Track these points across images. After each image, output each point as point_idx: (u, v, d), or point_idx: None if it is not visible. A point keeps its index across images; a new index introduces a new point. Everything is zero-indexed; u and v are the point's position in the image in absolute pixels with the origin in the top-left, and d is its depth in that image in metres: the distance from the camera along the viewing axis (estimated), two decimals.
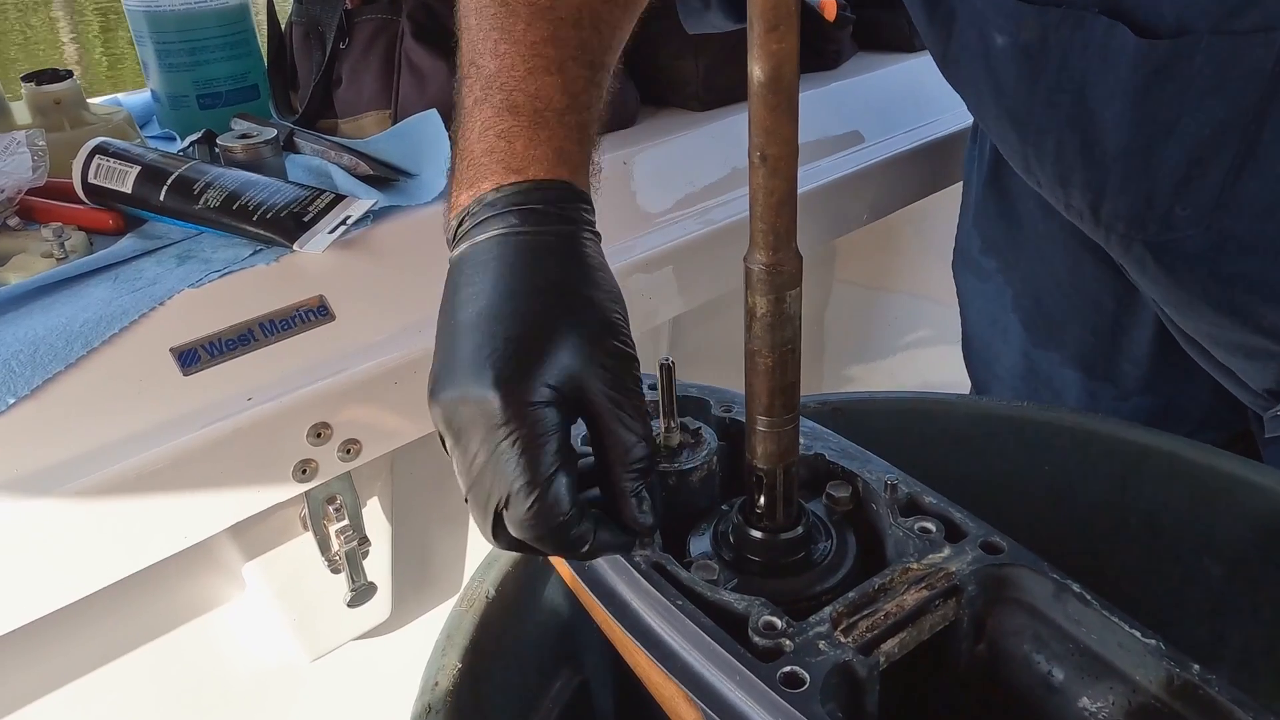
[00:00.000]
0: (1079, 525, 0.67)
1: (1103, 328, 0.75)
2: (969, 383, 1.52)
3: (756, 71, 0.35)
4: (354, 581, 0.73)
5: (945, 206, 1.24)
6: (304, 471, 0.64)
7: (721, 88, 0.94)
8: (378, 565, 0.77)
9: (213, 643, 0.75)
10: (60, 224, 0.68)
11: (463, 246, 0.45)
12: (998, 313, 0.82)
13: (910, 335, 1.45)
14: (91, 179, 0.71)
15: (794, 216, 0.37)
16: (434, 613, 0.88)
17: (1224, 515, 0.61)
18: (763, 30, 0.34)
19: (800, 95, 1.08)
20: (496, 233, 0.43)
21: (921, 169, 1.07)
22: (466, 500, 0.42)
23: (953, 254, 0.88)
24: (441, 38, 0.82)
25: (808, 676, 0.37)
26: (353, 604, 0.74)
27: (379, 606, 0.78)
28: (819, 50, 1.07)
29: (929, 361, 1.46)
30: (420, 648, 0.51)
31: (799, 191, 1.02)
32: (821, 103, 1.04)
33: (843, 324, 1.34)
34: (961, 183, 0.90)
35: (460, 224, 0.46)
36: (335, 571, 0.73)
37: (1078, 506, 0.67)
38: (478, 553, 0.57)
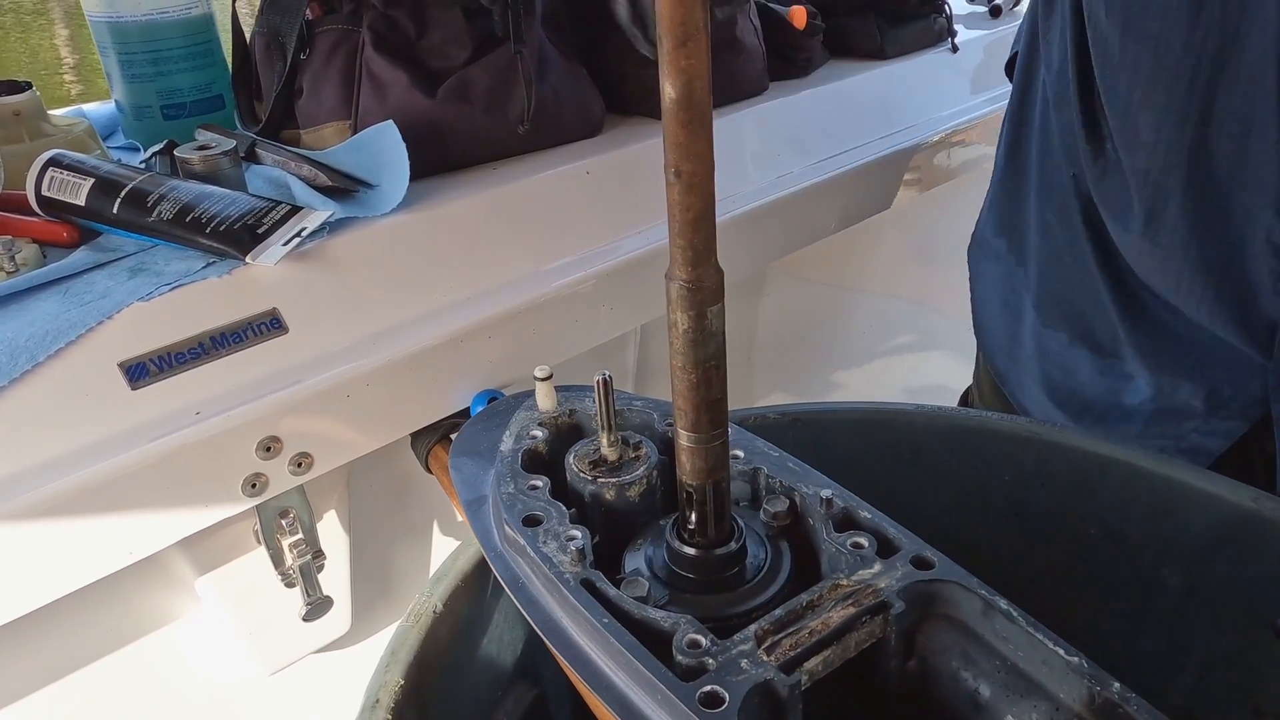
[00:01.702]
0: (1039, 536, 0.67)
1: (1104, 303, 0.75)
2: (946, 386, 1.51)
3: (668, 88, 0.34)
4: (309, 595, 0.73)
5: (922, 211, 1.24)
6: (254, 486, 0.64)
7: None
8: (335, 579, 0.77)
9: (168, 658, 0.75)
10: (11, 237, 0.68)
11: None
12: (1009, 294, 0.83)
13: (890, 340, 1.45)
14: (45, 191, 0.70)
15: (712, 232, 0.37)
16: (397, 626, 0.88)
17: (1182, 526, 0.61)
18: (672, 46, 0.33)
19: (771, 103, 1.07)
20: None
21: (892, 176, 1.07)
22: None
23: (970, 240, 0.88)
24: (402, 49, 0.81)
25: (727, 696, 0.37)
26: (308, 618, 0.74)
27: (338, 620, 0.78)
28: (789, 58, 1.07)
29: (909, 365, 1.46)
30: None
31: (770, 199, 1.02)
32: (792, 110, 1.04)
33: (818, 329, 1.34)
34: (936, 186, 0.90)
35: None
36: (289, 586, 0.72)
37: (1037, 517, 0.67)
38: (440, 565, 0.56)
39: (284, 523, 0.69)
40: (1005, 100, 1.26)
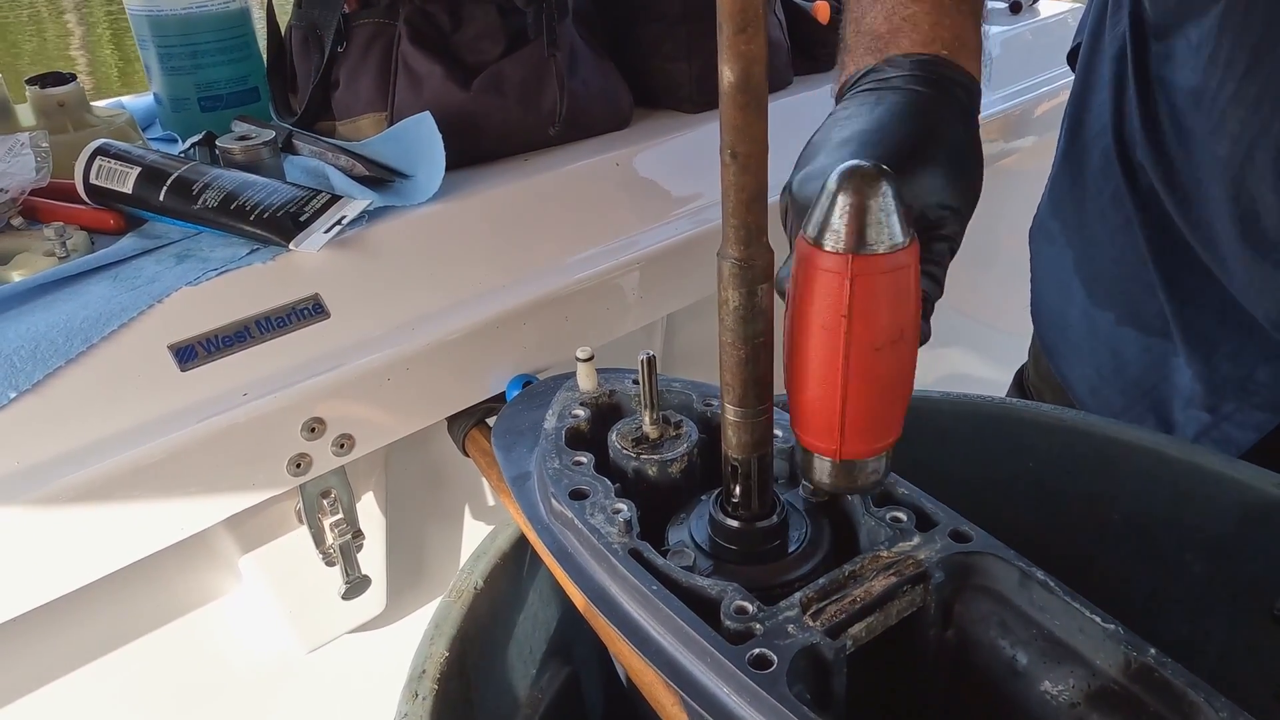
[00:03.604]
0: (1063, 521, 0.68)
1: (1153, 284, 0.76)
2: (965, 379, 1.52)
3: (726, 72, 0.36)
4: (348, 574, 0.75)
5: None
6: (298, 466, 0.66)
7: (714, 90, 0.95)
8: (372, 559, 0.78)
9: (210, 634, 0.76)
10: (62, 223, 0.70)
11: (859, 88, 0.55)
12: (1062, 275, 0.84)
13: None
14: (93, 180, 0.72)
15: (764, 212, 0.38)
16: (429, 607, 0.89)
17: (1204, 511, 0.62)
18: (732, 32, 0.35)
19: (795, 96, 1.09)
20: (895, 87, 0.53)
21: None
22: None
23: (1032, 222, 0.90)
24: (437, 42, 0.83)
25: (775, 658, 0.38)
26: (347, 596, 0.76)
27: (374, 599, 0.79)
28: (812, 54, 1.08)
29: (927, 359, 1.47)
30: (415, 641, 0.52)
31: None
32: (815, 104, 1.05)
33: None
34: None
35: (862, 77, 0.56)
36: (330, 564, 0.74)
37: (1061, 503, 0.68)
38: (472, 547, 0.58)
39: (325, 503, 0.71)
40: (1024, 96, 1.27)
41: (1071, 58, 0.86)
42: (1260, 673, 0.62)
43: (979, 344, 1.50)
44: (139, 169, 0.72)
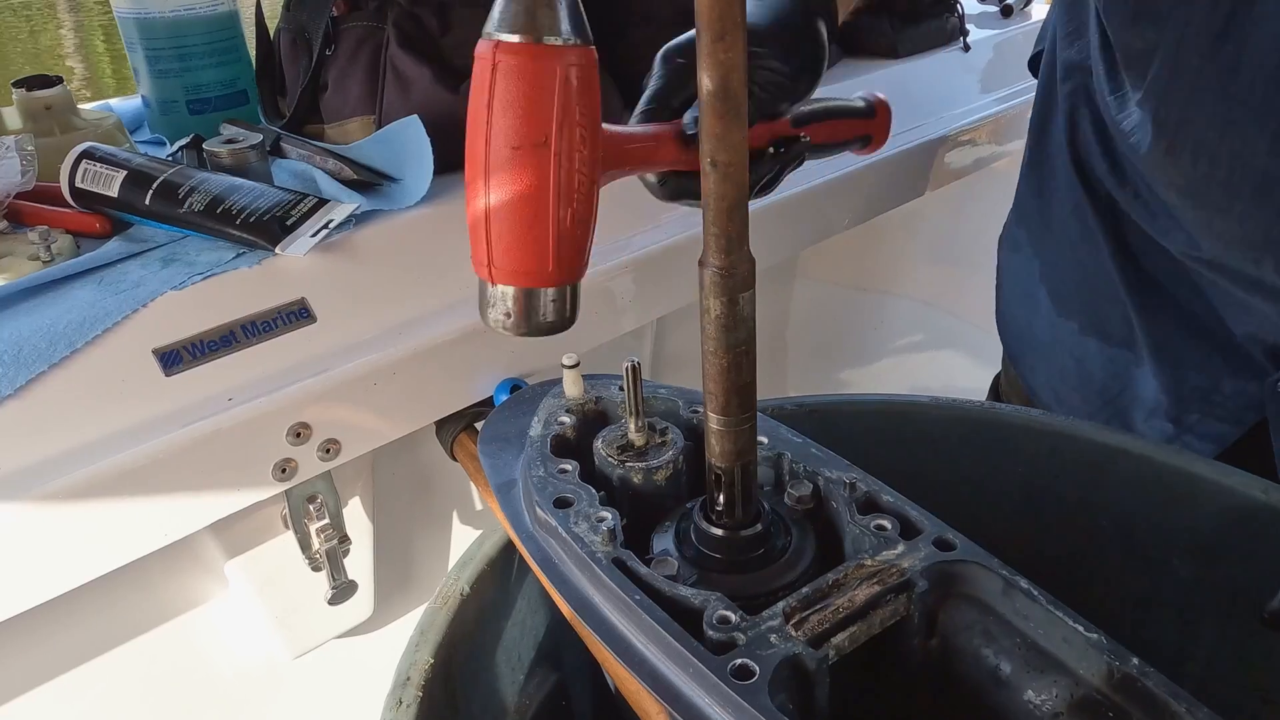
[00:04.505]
0: (1051, 526, 0.68)
1: (1118, 293, 0.76)
2: (954, 385, 1.53)
3: (705, 81, 0.36)
4: (334, 579, 0.74)
5: (932, 210, 1.26)
6: (283, 471, 0.65)
7: None
8: (359, 564, 0.78)
9: (196, 640, 0.76)
10: (47, 227, 0.69)
11: None
12: (1027, 284, 0.84)
13: (898, 339, 1.46)
14: (78, 183, 0.72)
15: (745, 221, 0.38)
16: (417, 612, 0.89)
17: (1193, 516, 0.62)
18: (710, 40, 0.35)
19: None
20: None
21: (904, 174, 1.08)
22: None
23: (1002, 230, 0.90)
24: (425, 45, 0.83)
25: (757, 669, 0.38)
26: (333, 602, 0.75)
27: (361, 605, 0.79)
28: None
29: (917, 364, 1.48)
30: (403, 646, 0.52)
31: (783, 197, 1.03)
32: None
33: (829, 327, 1.35)
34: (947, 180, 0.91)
35: None
36: (316, 569, 0.74)
37: (1050, 508, 0.68)
38: (460, 552, 0.58)
39: (312, 508, 0.71)
40: (1015, 100, 1.27)
41: (1033, 64, 0.86)
42: (1249, 676, 0.62)
43: (968, 347, 1.50)
44: (125, 172, 0.71)
